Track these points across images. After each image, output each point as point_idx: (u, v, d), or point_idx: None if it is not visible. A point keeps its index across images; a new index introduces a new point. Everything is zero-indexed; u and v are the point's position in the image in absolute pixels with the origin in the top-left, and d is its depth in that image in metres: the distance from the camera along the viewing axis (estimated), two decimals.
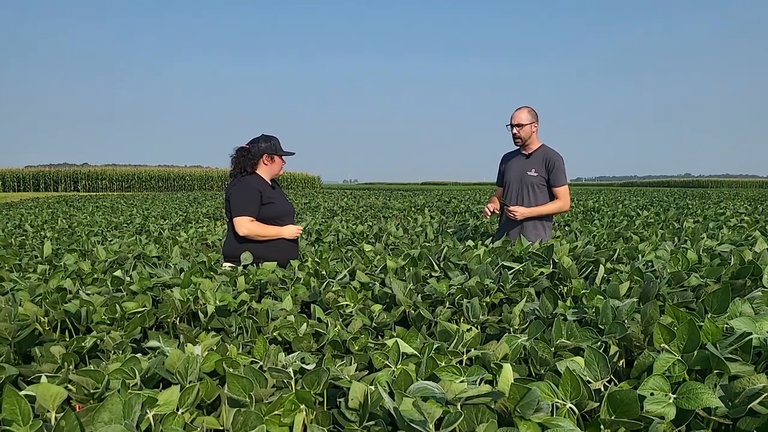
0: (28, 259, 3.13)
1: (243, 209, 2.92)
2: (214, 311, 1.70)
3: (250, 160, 3.02)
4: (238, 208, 2.93)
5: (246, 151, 3.03)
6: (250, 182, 2.99)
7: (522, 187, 3.51)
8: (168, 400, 0.97)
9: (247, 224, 2.90)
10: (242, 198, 2.94)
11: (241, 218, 2.90)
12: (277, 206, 3.04)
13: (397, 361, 1.20)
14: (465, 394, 0.86)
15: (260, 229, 2.93)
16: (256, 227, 2.93)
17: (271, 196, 3.03)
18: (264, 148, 3.03)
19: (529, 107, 3.50)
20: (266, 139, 3.06)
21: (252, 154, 3.02)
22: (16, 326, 1.48)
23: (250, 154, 3.02)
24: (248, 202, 2.93)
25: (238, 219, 2.91)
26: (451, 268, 2.12)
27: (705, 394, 0.88)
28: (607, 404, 0.86)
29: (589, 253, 2.27)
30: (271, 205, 3.01)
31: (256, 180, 3.03)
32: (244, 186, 2.97)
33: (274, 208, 3.02)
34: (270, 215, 3.01)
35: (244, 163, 3.02)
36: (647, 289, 1.57)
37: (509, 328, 1.48)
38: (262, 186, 3.02)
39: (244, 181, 2.99)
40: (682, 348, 1.03)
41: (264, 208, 2.99)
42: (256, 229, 2.92)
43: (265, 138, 3.07)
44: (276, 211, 3.03)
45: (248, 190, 2.96)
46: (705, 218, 6.08)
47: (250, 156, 3.02)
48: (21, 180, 37.96)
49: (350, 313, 1.71)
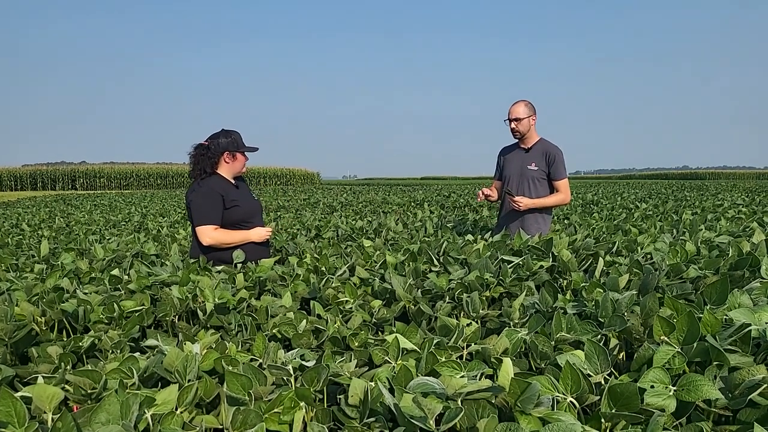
0: (25, 259, 3.12)
1: (204, 217, 2.72)
2: (213, 309, 1.70)
3: (210, 159, 2.79)
4: (199, 217, 2.73)
5: (205, 149, 2.80)
6: (211, 185, 2.77)
7: (522, 181, 3.51)
8: (166, 399, 0.96)
9: (211, 233, 2.72)
10: (203, 205, 2.73)
11: (204, 228, 2.72)
12: (242, 208, 2.83)
13: (397, 357, 1.20)
14: (465, 389, 0.85)
15: (225, 236, 2.75)
16: (221, 235, 2.74)
17: (235, 198, 2.81)
18: (224, 144, 2.79)
19: (526, 101, 3.49)
20: (226, 134, 2.81)
21: (212, 151, 2.79)
22: (13, 326, 1.47)
23: (209, 152, 2.79)
24: (210, 209, 2.73)
25: (201, 228, 2.72)
26: (451, 262, 2.12)
27: (705, 386, 0.88)
28: (607, 398, 0.86)
29: (588, 246, 2.27)
30: (236, 208, 2.80)
31: (216, 182, 2.80)
32: (204, 191, 2.75)
33: (238, 211, 2.82)
34: (235, 219, 2.81)
35: (203, 162, 2.79)
36: (646, 281, 1.57)
37: (509, 322, 1.48)
38: (224, 188, 2.80)
39: (204, 185, 2.77)
40: (682, 340, 1.03)
41: (228, 212, 2.78)
42: (221, 237, 2.74)
43: (225, 133, 2.82)
44: (242, 213, 2.83)
45: (209, 196, 2.74)
46: (703, 210, 6.08)
47: (210, 154, 2.79)
48: (18, 179, 37.84)
49: (350, 309, 1.70)
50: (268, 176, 45.02)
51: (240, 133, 2.87)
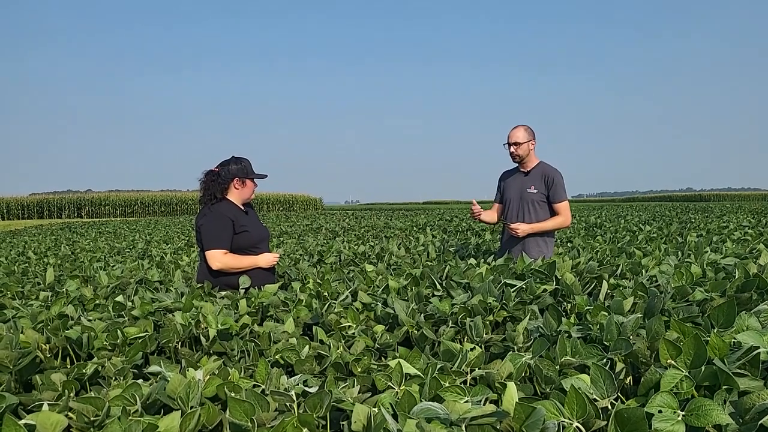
0: (30, 286, 3.13)
1: (215, 241, 2.77)
2: (216, 335, 1.69)
3: (220, 185, 2.86)
4: (209, 241, 2.78)
5: (215, 175, 2.87)
6: (221, 211, 2.83)
7: (522, 205, 3.52)
8: (169, 426, 0.96)
9: (221, 258, 2.77)
10: (213, 229, 2.78)
11: (214, 252, 2.77)
12: (251, 234, 2.88)
13: (400, 383, 1.19)
14: (469, 414, 0.84)
15: (234, 261, 2.80)
16: (230, 260, 2.79)
17: (245, 223, 2.87)
18: (234, 170, 2.86)
19: (526, 125, 3.53)
20: (236, 162, 2.89)
21: (222, 178, 2.85)
22: (17, 354, 1.47)
23: (219, 178, 2.85)
24: (220, 233, 2.78)
25: (211, 253, 2.77)
26: (454, 286, 2.11)
27: (714, 411, 0.87)
28: (614, 423, 0.84)
29: (591, 269, 2.26)
30: (245, 233, 2.86)
31: (227, 207, 2.86)
32: (214, 216, 2.81)
33: (247, 237, 2.87)
34: (244, 244, 2.86)
35: (213, 188, 2.85)
36: (651, 304, 1.56)
37: (513, 347, 1.47)
38: (234, 213, 2.86)
39: (214, 210, 2.83)
40: (689, 363, 1.01)
41: (237, 237, 2.84)
42: (230, 262, 2.78)
43: (236, 160, 2.90)
44: (250, 239, 2.88)
45: (219, 220, 2.80)
46: (708, 232, 6.05)
47: (219, 180, 2.85)
48: (25, 208, 38.19)
49: (353, 334, 1.69)
50: (271, 202, 45.26)
51: (249, 160, 2.95)
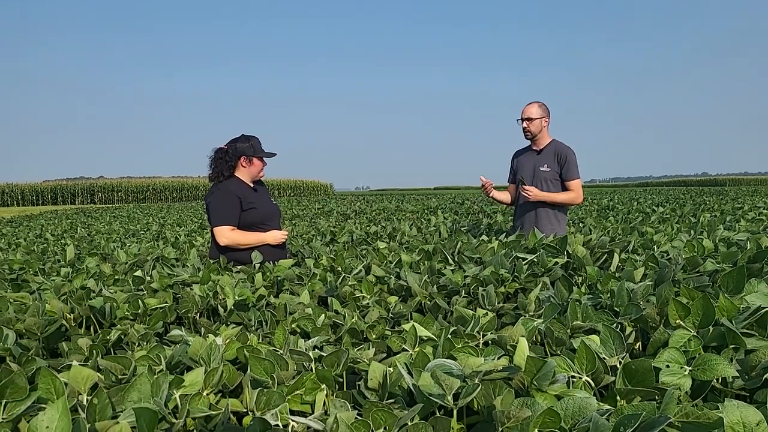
0: (51, 263, 3.21)
1: (222, 218, 2.81)
2: (233, 306, 1.74)
3: (228, 162, 2.89)
4: (216, 217, 2.82)
5: (224, 152, 2.90)
6: (229, 188, 2.86)
7: (535, 183, 3.51)
8: (194, 381, 1.00)
9: (228, 234, 2.81)
10: (220, 206, 2.82)
11: (221, 228, 2.81)
12: (259, 211, 2.91)
13: (414, 345, 1.22)
14: (482, 368, 0.87)
15: (241, 237, 2.83)
16: (237, 236, 2.83)
17: (253, 200, 2.90)
18: (242, 148, 2.88)
19: (540, 102, 3.51)
20: (245, 140, 2.91)
21: (229, 155, 2.88)
22: (45, 321, 1.53)
23: (227, 156, 2.89)
24: (227, 210, 2.82)
25: (218, 229, 2.81)
26: (466, 261, 2.14)
27: (721, 365, 0.89)
28: (622, 375, 0.87)
29: (603, 243, 2.26)
30: (253, 210, 2.88)
31: (235, 184, 2.89)
32: (222, 193, 2.85)
33: (255, 213, 2.90)
34: (252, 221, 2.89)
35: (221, 166, 2.89)
36: (662, 273, 1.57)
37: (524, 314, 1.49)
38: (242, 190, 2.89)
39: (222, 187, 2.87)
40: (698, 324, 1.03)
41: (245, 214, 2.87)
42: (237, 238, 2.82)
43: (244, 138, 2.92)
44: (259, 216, 2.91)
45: (226, 197, 2.83)
46: (722, 212, 5.99)
47: (227, 158, 2.89)
48: (39, 194, 38.79)
49: (367, 304, 1.73)
50: (282, 188, 45.42)
51: (259, 138, 2.96)
